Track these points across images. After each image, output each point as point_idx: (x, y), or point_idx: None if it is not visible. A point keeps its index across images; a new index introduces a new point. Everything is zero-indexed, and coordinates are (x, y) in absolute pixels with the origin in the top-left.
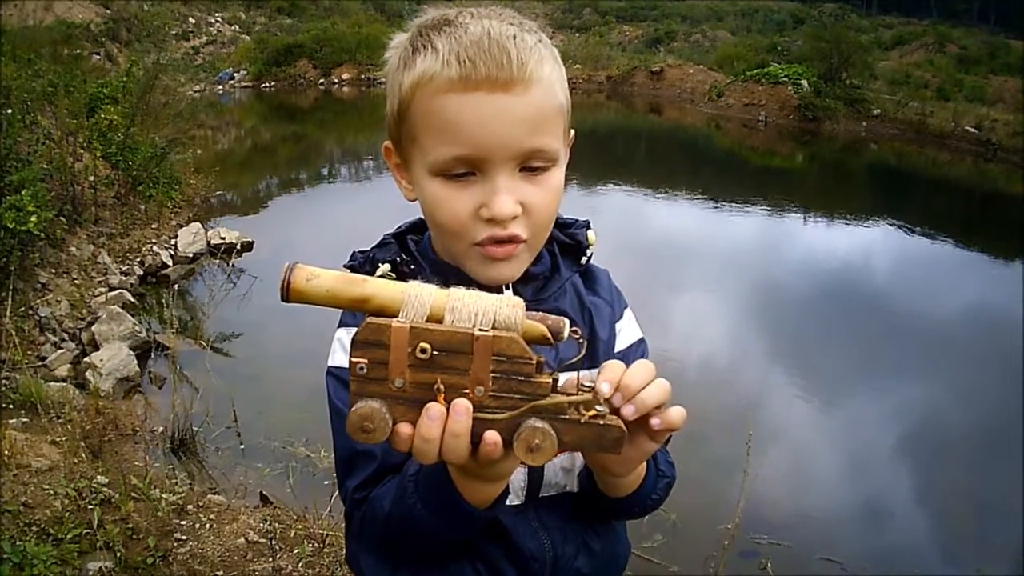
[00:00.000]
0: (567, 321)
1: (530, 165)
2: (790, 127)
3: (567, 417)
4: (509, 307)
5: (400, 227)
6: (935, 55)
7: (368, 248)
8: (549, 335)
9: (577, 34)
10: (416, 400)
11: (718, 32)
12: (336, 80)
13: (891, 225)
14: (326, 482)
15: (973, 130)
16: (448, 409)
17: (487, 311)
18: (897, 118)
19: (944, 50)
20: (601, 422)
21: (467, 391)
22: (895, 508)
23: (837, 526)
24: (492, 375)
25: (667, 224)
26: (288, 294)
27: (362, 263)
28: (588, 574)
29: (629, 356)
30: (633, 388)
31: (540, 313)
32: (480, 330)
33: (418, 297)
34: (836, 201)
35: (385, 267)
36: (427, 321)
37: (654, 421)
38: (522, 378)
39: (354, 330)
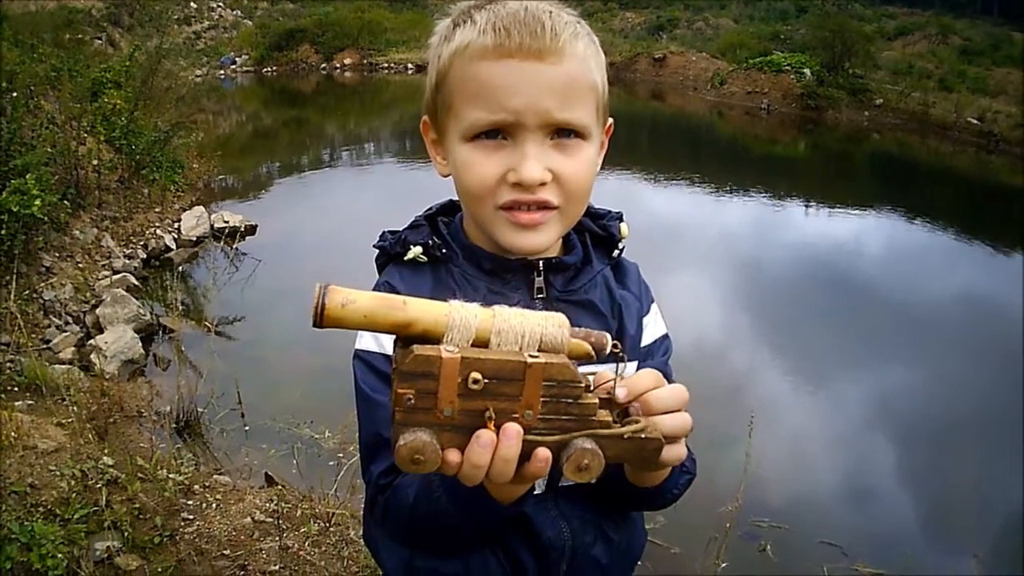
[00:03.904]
0: (609, 337)
1: (561, 137)
2: (793, 115)
3: (610, 433)
4: (555, 327)
5: (431, 208)
6: (938, 46)
7: (399, 229)
8: (593, 353)
9: None
10: (464, 427)
11: (721, 20)
12: (338, 65)
13: (892, 215)
14: (331, 463)
15: (975, 121)
16: (498, 434)
17: (534, 332)
18: (899, 108)
19: (947, 41)
20: (643, 435)
21: (516, 415)
22: (894, 493)
23: (837, 510)
24: (542, 399)
25: (668, 210)
26: (322, 320)
27: (392, 244)
28: (605, 563)
29: (654, 352)
30: (653, 409)
31: (583, 330)
32: (531, 356)
33: (463, 320)
34: (838, 190)
35: (417, 249)
36: (473, 345)
37: None
38: (571, 400)
39: None
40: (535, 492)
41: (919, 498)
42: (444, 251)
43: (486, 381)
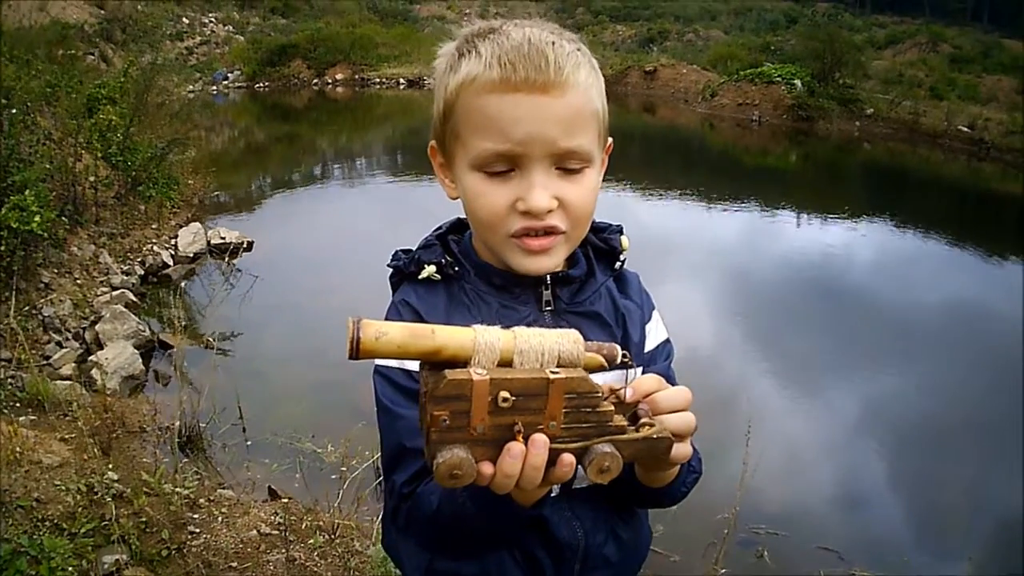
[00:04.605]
0: (618, 348)
1: (565, 165)
2: (784, 127)
3: (626, 436)
4: (571, 343)
5: (440, 228)
6: (928, 54)
7: (413, 249)
8: (606, 364)
9: None
10: (495, 440)
11: (711, 31)
12: (330, 80)
13: (884, 224)
14: (333, 476)
15: (966, 129)
16: (526, 445)
17: (552, 349)
18: (890, 117)
19: (937, 49)
20: (655, 436)
21: (542, 426)
22: (889, 498)
23: (833, 516)
24: (564, 410)
25: (660, 223)
26: (358, 353)
27: (407, 264)
28: (616, 561)
29: (657, 357)
30: (660, 407)
31: (596, 343)
32: (552, 372)
33: (488, 344)
34: (829, 200)
35: (431, 269)
36: (498, 365)
37: None
38: (590, 409)
39: None
40: (551, 495)
41: (913, 503)
42: (456, 269)
43: (514, 398)
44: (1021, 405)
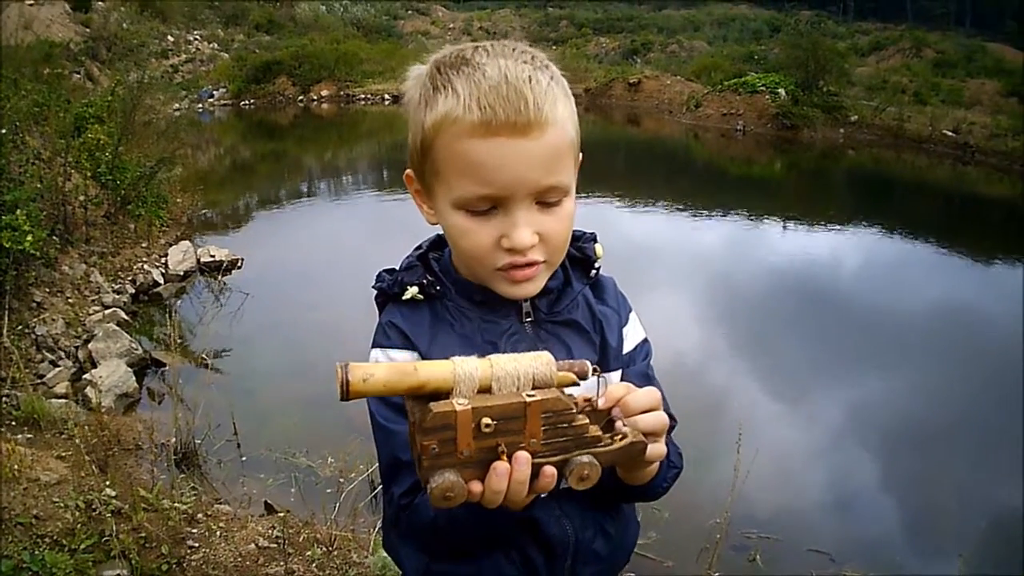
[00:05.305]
0: (588, 363)
1: (545, 199)
2: (768, 136)
3: (602, 446)
4: (544, 365)
5: (421, 246)
6: (912, 60)
7: (396, 269)
8: (578, 380)
9: (554, 47)
10: (481, 461)
11: (695, 42)
12: (315, 97)
13: (870, 230)
14: (328, 490)
15: (951, 134)
16: (511, 463)
17: (526, 374)
18: (874, 124)
19: (921, 54)
20: (629, 442)
21: (523, 444)
22: (879, 500)
23: (823, 519)
24: (543, 428)
25: (647, 234)
26: (348, 395)
27: (391, 285)
28: (604, 555)
29: (635, 357)
30: (631, 409)
31: (567, 362)
32: (528, 395)
33: (467, 374)
34: (815, 208)
35: (414, 290)
36: (478, 393)
37: None
38: (566, 424)
39: (389, 351)
40: (540, 497)
41: (903, 504)
42: (438, 288)
43: (495, 423)
44: (1014, 405)
